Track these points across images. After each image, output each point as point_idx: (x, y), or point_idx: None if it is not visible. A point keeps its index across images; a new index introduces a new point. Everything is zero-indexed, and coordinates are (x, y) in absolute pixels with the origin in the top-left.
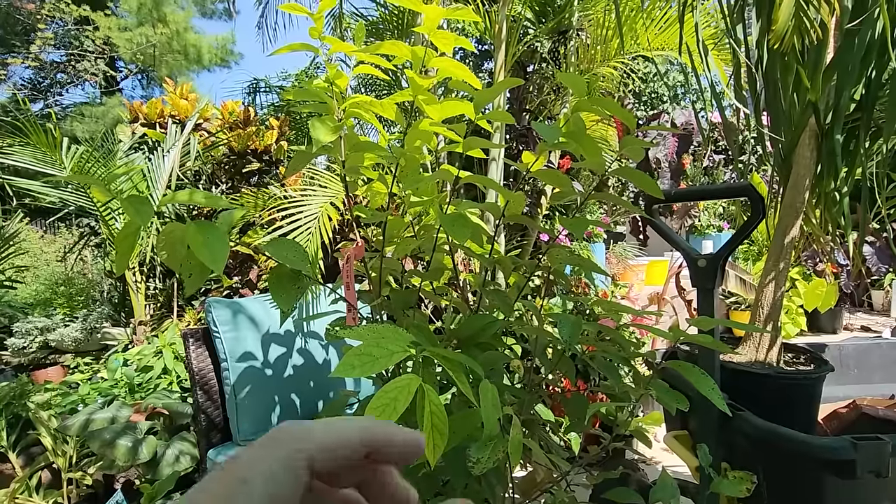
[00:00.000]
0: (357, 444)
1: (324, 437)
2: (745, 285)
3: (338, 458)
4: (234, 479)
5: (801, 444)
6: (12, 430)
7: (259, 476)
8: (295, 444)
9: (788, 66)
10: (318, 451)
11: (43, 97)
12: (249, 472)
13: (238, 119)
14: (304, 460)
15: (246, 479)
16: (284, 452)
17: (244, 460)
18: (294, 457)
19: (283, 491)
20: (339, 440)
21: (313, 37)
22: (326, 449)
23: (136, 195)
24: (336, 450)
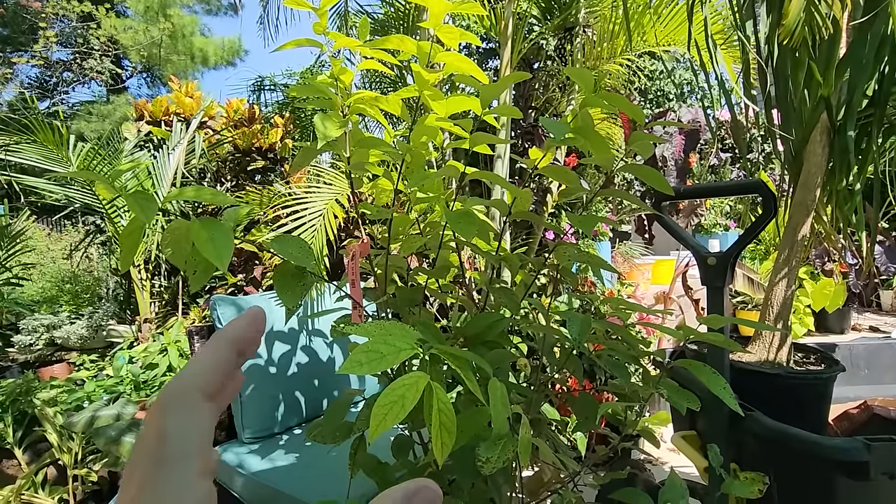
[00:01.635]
0: (230, 352)
1: (202, 367)
2: (753, 284)
3: (221, 372)
4: (153, 440)
5: (812, 444)
6: (18, 426)
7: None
8: (184, 389)
9: (800, 62)
10: (203, 382)
11: (49, 96)
12: (163, 431)
13: (243, 117)
14: (197, 392)
15: (163, 436)
16: (182, 401)
17: (148, 432)
18: (191, 396)
19: (198, 430)
20: (217, 359)
21: (317, 32)
22: (208, 373)
23: (140, 192)
24: (218, 366)
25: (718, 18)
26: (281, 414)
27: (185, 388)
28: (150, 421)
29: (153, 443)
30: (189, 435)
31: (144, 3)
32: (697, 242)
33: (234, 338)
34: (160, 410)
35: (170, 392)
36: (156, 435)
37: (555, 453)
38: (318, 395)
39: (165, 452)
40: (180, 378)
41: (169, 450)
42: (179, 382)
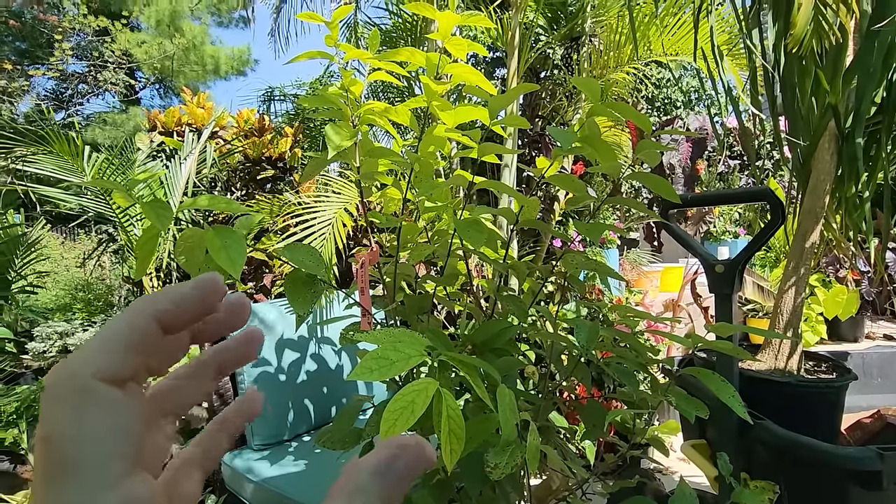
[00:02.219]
0: (147, 321)
1: (101, 345)
2: (763, 292)
3: (130, 348)
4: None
5: (824, 454)
6: (32, 431)
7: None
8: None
9: (807, 70)
10: (102, 363)
11: (65, 107)
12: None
13: (253, 127)
14: (93, 378)
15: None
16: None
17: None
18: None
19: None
20: (124, 332)
21: (328, 45)
22: (111, 350)
23: (155, 200)
24: (127, 340)
25: (725, 27)
26: (290, 421)
27: (71, 376)
28: (40, 421)
29: (40, 451)
30: (87, 433)
31: (156, 16)
32: (705, 250)
33: (158, 309)
34: (45, 407)
35: (54, 382)
36: (42, 439)
37: (563, 461)
38: (328, 402)
39: (53, 459)
40: (68, 362)
41: (57, 456)
42: (66, 368)
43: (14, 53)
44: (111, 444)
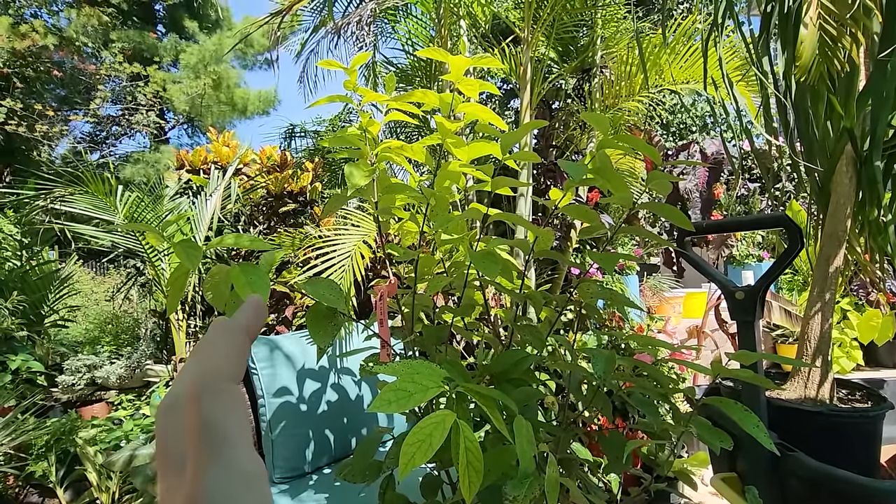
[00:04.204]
0: (246, 341)
1: (228, 357)
2: (791, 317)
3: (243, 359)
4: (196, 430)
5: (862, 487)
6: (61, 465)
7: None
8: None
9: (819, 95)
10: (232, 371)
11: (99, 148)
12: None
13: (275, 163)
14: (229, 381)
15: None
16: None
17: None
18: (224, 385)
19: (240, 412)
20: (238, 349)
21: (348, 89)
22: (234, 362)
23: (185, 240)
24: (241, 355)
25: (737, 53)
26: (311, 452)
27: (216, 378)
28: (186, 412)
29: (197, 431)
30: (232, 418)
31: (197, 56)
32: (724, 276)
33: (247, 327)
34: (195, 402)
35: (202, 384)
36: (196, 424)
37: (586, 494)
38: (348, 434)
39: (215, 437)
40: (207, 370)
41: (218, 434)
42: (209, 374)
43: (55, 100)
44: (245, 424)
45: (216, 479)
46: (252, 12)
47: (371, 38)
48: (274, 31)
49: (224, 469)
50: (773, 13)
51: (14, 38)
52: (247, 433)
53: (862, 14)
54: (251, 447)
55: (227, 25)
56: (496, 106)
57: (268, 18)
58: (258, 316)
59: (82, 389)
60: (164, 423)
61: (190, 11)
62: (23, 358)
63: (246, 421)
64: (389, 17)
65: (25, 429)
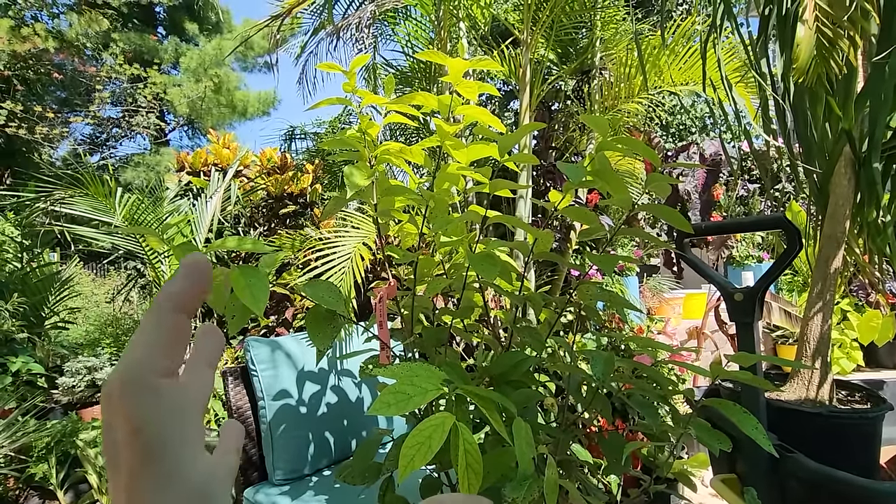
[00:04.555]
0: (175, 319)
1: (149, 347)
2: (791, 318)
3: (171, 345)
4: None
5: (862, 489)
6: (61, 467)
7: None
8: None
9: (817, 97)
10: (156, 364)
11: (99, 150)
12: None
13: (275, 165)
14: (155, 376)
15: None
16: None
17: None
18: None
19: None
20: (163, 333)
21: (347, 91)
22: (158, 353)
23: (185, 242)
24: (167, 341)
25: (735, 55)
26: (311, 454)
27: (142, 373)
28: (116, 413)
29: (127, 438)
30: (168, 420)
31: (197, 59)
32: (723, 278)
33: (176, 302)
34: (121, 403)
35: (125, 381)
36: (126, 430)
37: (586, 496)
38: (348, 436)
39: (149, 446)
40: (130, 363)
41: (152, 442)
42: (132, 369)
43: (55, 102)
44: (189, 424)
45: (151, 500)
46: (252, 15)
47: (370, 40)
48: (274, 34)
49: (163, 486)
50: (771, 15)
51: (15, 40)
52: (192, 436)
53: (859, 16)
54: (198, 453)
55: (228, 28)
56: (496, 107)
57: (267, 21)
58: (194, 283)
59: (83, 391)
60: (104, 416)
61: (190, 14)
62: (23, 360)
63: (190, 419)
64: (389, 20)
65: (26, 431)
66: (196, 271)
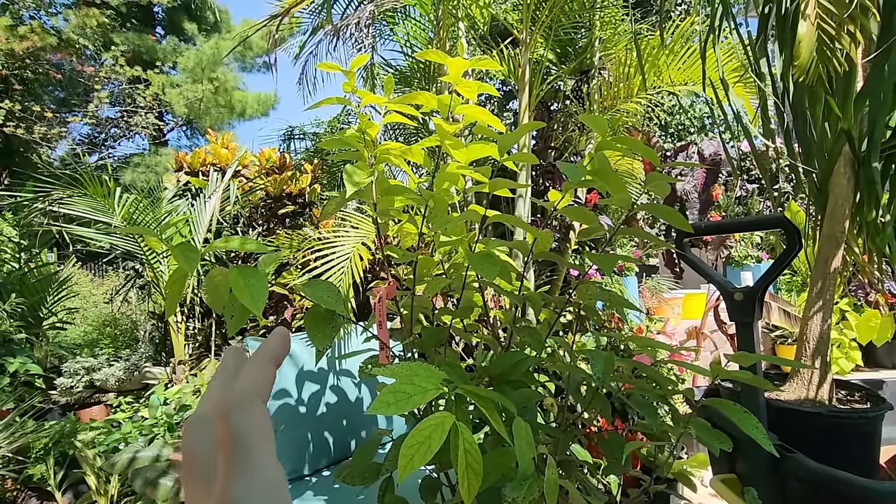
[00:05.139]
0: (273, 367)
1: (258, 380)
2: (790, 318)
3: (270, 383)
4: (227, 440)
5: (862, 489)
6: (60, 468)
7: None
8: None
9: (816, 97)
10: (260, 391)
11: (98, 150)
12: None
13: (274, 165)
14: (259, 400)
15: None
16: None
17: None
18: (254, 403)
19: (267, 427)
20: (267, 374)
21: (346, 91)
22: (263, 385)
23: (183, 243)
24: (269, 379)
25: (735, 54)
26: (310, 454)
27: (249, 396)
28: (216, 427)
29: (229, 441)
30: (257, 432)
31: (195, 59)
32: (723, 277)
33: (274, 355)
34: (225, 418)
35: (234, 401)
36: (231, 435)
37: (586, 496)
38: (347, 436)
39: (242, 449)
40: (239, 391)
41: (244, 446)
42: (239, 394)
43: (53, 102)
44: (269, 435)
45: (242, 487)
46: (251, 15)
47: (370, 40)
48: (272, 34)
49: (249, 478)
50: (770, 14)
51: (12, 39)
52: (270, 444)
53: (860, 14)
54: (274, 459)
55: (226, 28)
56: (495, 107)
57: (265, 21)
58: (284, 346)
59: (81, 392)
60: (191, 437)
61: (189, 14)
62: (21, 360)
63: (269, 433)
64: (388, 19)
65: (24, 432)
66: (285, 336)
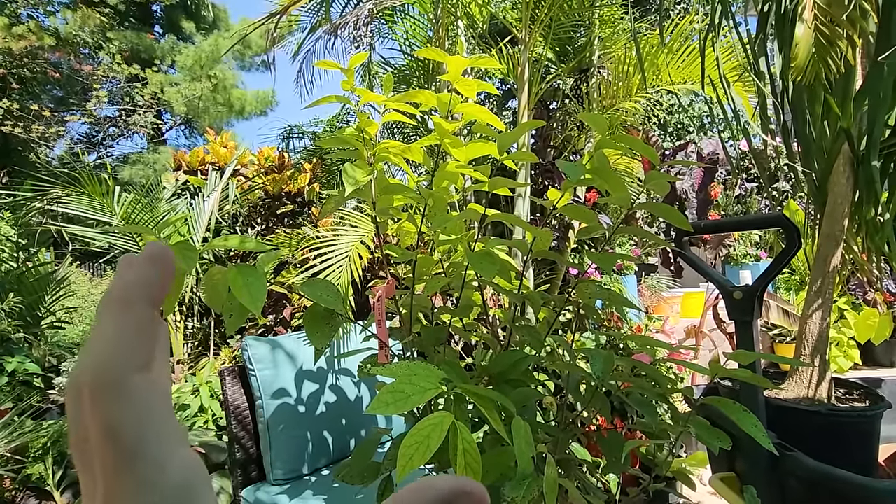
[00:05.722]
0: (143, 310)
1: (120, 344)
2: (789, 316)
3: (143, 339)
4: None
5: (861, 487)
6: (58, 467)
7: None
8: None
9: (816, 95)
10: (130, 360)
11: (96, 149)
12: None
13: (273, 164)
14: (131, 373)
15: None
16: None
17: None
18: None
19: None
20: (133, 328)
21: (345, 89)
22: (130, 348)
23: (181, 242)
24: (138, 335)
25: (734, 53)
26: (309, 454)
27: (114, 370)
28: (87, 414)
29: (101, 440)
30: (146, 419)
31: (193, 57)
32: (722, 276)
33: (144, 292)
34: (92, 403)
35: (94, 380)
36: (99, 431)
37: (585, 495)
38: (346, 435)
39: (124, 448)
40: (98, 361)
41: (128, 443)
42: (101, 367)
43: (52, 101)
44: (168, 422)
45: (136, 502)
46: (249, 13)
47: (368, 38)
48: (270, 32)
49: (144, 489)
50: (769, 13)
51: (10, 38)
52: (168, 432)
53: (858, 15)
54: (176, 448)
55: (225, 26)
56: (494, 106)
57: (263, 20)
58: (160, 271)
59: None
60: (71, 415)
61: (187, 12)
62: (19, 360)
63: (169, 417)
64: (387, 18)
65: (22, 431)
66: (156, 257)
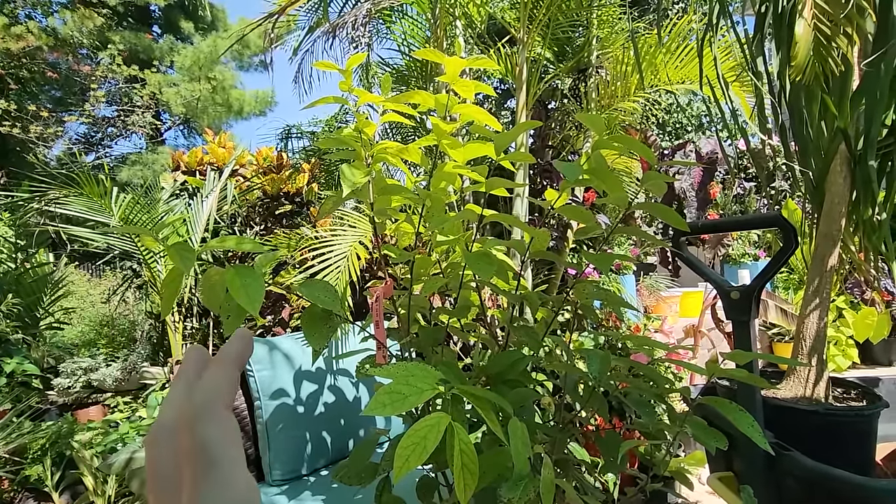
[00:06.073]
0: (237, 372)
1: (221, 386)
2: (787, 315)
3: (235, 389)
4: (193, 449)
5: (858, 487)
6: (57, 468)
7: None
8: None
9: (813, 95)
10: (226, 399)
11: (95, 150)
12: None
13: (272, 164)
14: (224, 408)
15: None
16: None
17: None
18: (220, 411)
19: (235, 434)
20: (231, 379)
21: (343, 90)
22: (227, 392)
23: (179, 243)
24: (233, 385)
25: (731, 53)
26: (308, 454)
27: (212, 404)
28: (180, 436)
29: (194, 451)
30: (227, 440)
31: (192, 58)
32: (719, 276)
33: (237, 358)
34: (189, 427)
35: (197, 410)
36: (191, 448)
37: (583, 495)
38: (345, 435)
39: (210, 459)
40: (202, 398)
41: (212, 456)
42: (203, 401)
43: (50, 101)
44: (238, 446)
45: (212, 499)
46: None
47: (366, 38)
48: (269, 32)
49: (218, 490)
50: (767, 13)
51: (8, 38)
52: (240, 455)
53: (856, 14)
54: (244, 468)
55: (223, 27)
56: (493, 106)
57: (261, 20)
58: (247, 347)
59: (78, 392)
60: (154, 448)
61: (185, 13)
62: (17, 361)
63: (239, 443)
64: (385, 18)
65: (21, 432)
66: (247, 338)
